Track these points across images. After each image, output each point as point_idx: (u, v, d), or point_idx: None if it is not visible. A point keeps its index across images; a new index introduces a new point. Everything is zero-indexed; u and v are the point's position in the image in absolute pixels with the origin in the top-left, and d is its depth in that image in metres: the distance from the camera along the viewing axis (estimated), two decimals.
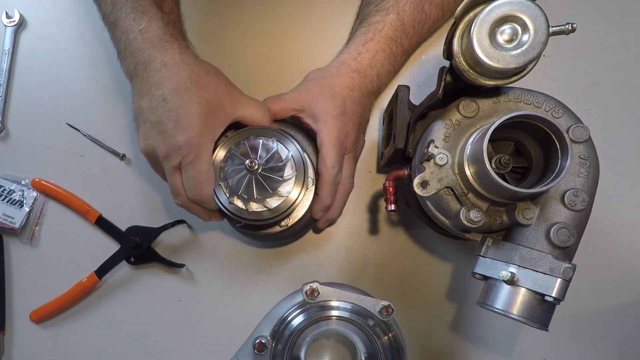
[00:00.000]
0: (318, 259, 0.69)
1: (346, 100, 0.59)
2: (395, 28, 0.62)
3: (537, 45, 0.43)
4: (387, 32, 0.61)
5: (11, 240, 0.69)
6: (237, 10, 0.74)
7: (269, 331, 0.60)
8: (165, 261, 0.67)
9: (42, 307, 0.67)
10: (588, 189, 0.48)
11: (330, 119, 0.57)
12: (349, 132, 0.59)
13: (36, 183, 0.69)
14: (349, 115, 0.59)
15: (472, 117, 0.51)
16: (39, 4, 0.74)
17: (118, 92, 0.72)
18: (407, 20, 0.62)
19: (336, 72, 0.60)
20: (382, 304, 0.58)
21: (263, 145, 0.54)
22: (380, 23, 0.62)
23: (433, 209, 0.52)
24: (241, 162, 0.52)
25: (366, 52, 0.61)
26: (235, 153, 0.53)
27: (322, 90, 0.59)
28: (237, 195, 0.53)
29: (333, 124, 0.57)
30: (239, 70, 0.71)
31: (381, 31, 0.61)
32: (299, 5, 0.73)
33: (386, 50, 0.61)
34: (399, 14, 0.62)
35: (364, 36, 0.62)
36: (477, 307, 0.51)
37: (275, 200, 0.54)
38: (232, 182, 0.52)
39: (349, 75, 0.60)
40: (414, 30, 0.63)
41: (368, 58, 0.61)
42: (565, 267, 0.45)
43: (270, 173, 0.53)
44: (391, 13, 0.62)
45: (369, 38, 0.61)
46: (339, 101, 0.58)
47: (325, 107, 0.58)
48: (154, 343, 0.67)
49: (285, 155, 0.54)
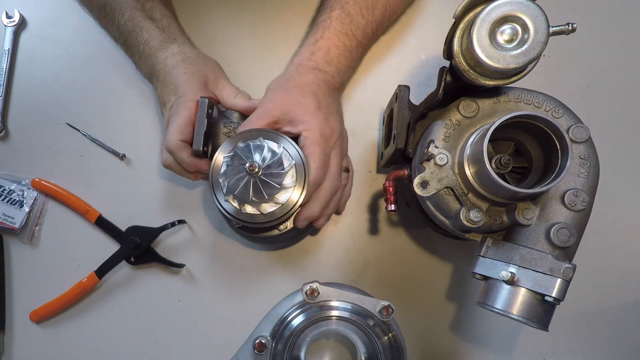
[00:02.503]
0: (318, 259, 0.69)
1: (317, 93, 0.57)
2: (342, 21, 0.61)
3: (537, 45, 0.43)
4: (334, 27, 0.61)
5: (11, 240, 0.69)
6: (237, 10, 0.74)
7: (269, 331, 0.60)
8: (165, 261, 0.67)
9: (42, 307, 0.67)
10: (588, 189, 0.48)
11: (309, 116, 0.55)
12: (332, 126, 0.57)
13: (36, 183, 0.68)
14: (325, 107, 0.57)
15: (472, 117, 0.51)
16: (39, 4, 0.74)
17: (118, 92, 0.72)
18: (353, 10, 0.62)
19: (296, 73, 0.59)
20: (382, 304, 0.58)
21: (268, 148, 0.53)
22: (327, 20, 0.61)
23: (433, 209, 0.52)
24: (242, 163, 0.52)
25: (318, 51, 0.60)
26: (239, 152, 0.53)
27: (289, 93, 0.57)
28: (247, 202, 0.53)
29: (313, 121, 0.55)
30: (239, 70, 0.71)
31: (329, 28, 0.61)
32: (299, 6, 0.73)
33: (339, 45, 0.61)
34: (342, 8, 0.61)
35: (313, 36, 0.61)
36: (477, 307, 0.51)
37: (270, 206, 0.53)
38: (230, 181, 0.52)
39: (310, 73, 0.59)
40: (364, 18, 0.62)
41: (322, 55, 0.60)
42: (565, 267, 0.45)
43: (269, 179, 0.52)
44: (335, 9, 0.62)
45: (319, 37, 0.61)
46: (310, 97, 0.56)
47: (298, 107, 0.56)
48: (154, 343, 0.67)
49: (288, 163, 0.54)
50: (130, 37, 0.64)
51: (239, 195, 0.52)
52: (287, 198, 0.53)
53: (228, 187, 0.53)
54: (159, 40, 0.62)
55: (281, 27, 0.73)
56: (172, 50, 0.61)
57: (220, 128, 0.61)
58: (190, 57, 0.62)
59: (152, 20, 0.63)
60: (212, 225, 0.69)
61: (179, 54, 0.61)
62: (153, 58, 0.62)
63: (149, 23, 0.63)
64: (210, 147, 0.60)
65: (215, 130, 0.61)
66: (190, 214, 0.69)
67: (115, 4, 0.63)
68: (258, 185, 0.52)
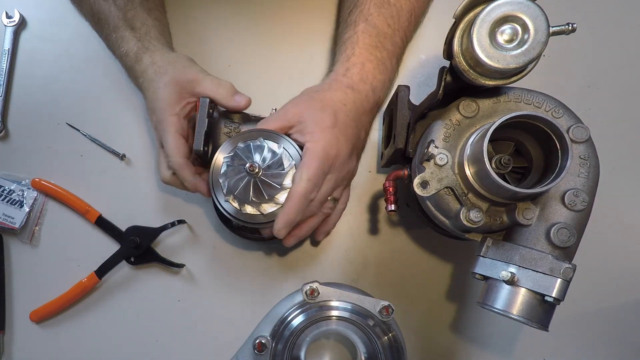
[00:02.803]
0: (318, 259, 0.69)
1: (338, 113, 0.55)
2: (370, 34, 0.59)
3: (537, 46, 0.43)
4: (364, 41, 0.59)
5: (11, 240, 0.69)
6: (237, 11, 0.74)
7: (269, 331, 0.60)
8: (165, 261, 0.67)
9: (42, 307, 0.67)
10: (588, 189, 0.48)
11: (319, 130, 0.54)
12: (340, 149, 0.54)
13: (36, 183, 0.68)
14: (340, 128, 0.55)
15: (472, 117, 0.51)
16: (39, 4, 0.74)
17: (118, 92, 0.72)
18: (378, 22, 0.60)
19: (328, 87, 0.58)
20: (382, 304, 0.58)
21: (268, 149, 0.53)
22: (354, 36, 0.60)
23: (433, 209, 0.52)
24: (242, 163, 0.52)
25: (353, 67, 0.58)
26: (239, 152, 0.53)
27: (312, 103, 0.56)
28: (247, 202, 0.53)
29: (321, 136, 0.54)
30: (239, 70, 0.71)
31: (358, 43, 0.59)
32: (299, 6, 0.73)
33: (372, 60, 0.59)
34: (367, 20, 0.60)
35: (344, 53, 0.60)
36: (477, 307, 0.51)
37: (270, 207, 0.53)
38: (230, 181, 0.52)
39: (341, 90, 0.57)
40: (391, 28, 0.61)
41: (357, 72, 0.58)
42: (565, 267, 0.45)
43: (269, 179, 0.52)
44: (360, 23, 0.60)
45: (350, 54, 0.59)
46: (329, 113, 0.55)
47: (313, 120, 0.54)
48: (154, 343, 0.67)
49: (289, 163, 0.54)
50: (115, 47, 0.64)
51: (239, 195, 0.52)
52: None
53: (228, 187, 0.53)
54: (134, 51, 0.62)
55: (281, 27, 0.73)
56: (146, 63, 0.61)
57: (221, 128, 0.61)
58: (161, 65, 0.61)
59: (132, 30, 0.63)
60: (212, 225, 0.69)
61: (151, 66, 0.61)
62: (134, 71, 0.63)
63: (129, 33, 0.63)
64: (210, 147, 0.60)
65: (216, 130, 0.61)
66: (190, 214, 0.69)
67: (101, 14, 0.64)
68: (258, 186, 0.52)
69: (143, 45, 0.62)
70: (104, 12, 0.63)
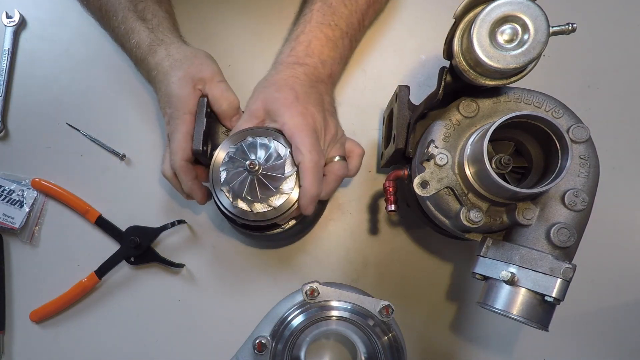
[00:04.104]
0: (318, 259, 0.69)
1: (294, 86, 0.56)
2: (323, 13, 0.61)
3: (537, 46, 0.43)
4: (316, 19, 0.60)
5: (11, 240, 0.69)
6: (237, 10, 0.74)
7: (269, 331, 0.60)
8: (165, 261, 0.67)
9: (42, 307, 0.67)
10: (588, 189, 0.48)
11: (286, 108, 0.54)
12: (314, 115, 0.55)
13: (36, 183, 0.68)
14: (302, 98, 0.55)
15: (472, 117, 0.51)
16: (39, 4, 0.74)
17: (118, 92, 0.72)
18: (334, 1, 0.61)
19: (275, 72, 0.59)
20: (382, 304, 0.58)
21: (260, 145, 0.54)
22: (308, 14, 0.61)
23: (433, 209, 0.52)
24: (241, 165, 0.52)
25: (299, 45, 0.60)
26: (234, 156, 0.53)
27: (267, 90, 0.57)
28: (240, 197, 0.53)
29: (292, 111, 0.54)
30: (239, 70, 0.71)
31: (310, 21, 0.60)
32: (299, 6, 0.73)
33: (320, 37, 0.60)
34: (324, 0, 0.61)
35: (295, 32, 0.61)
36: (477, 307, 0.51)
37: (279, 199, 0.53)
38: (234, 185, 0.52)
39: (289, 68, 0.58)
40: (347, 8, 0.62)
41: (302, 49, 0.59)
42: (565, 267, 0.45)
43: (271, 172, 0.53)
44: (317, 2, 0.61)
45: (300, 31, 0.61)
46: (286, 90, 0.56)
47: (277, 102, 0.55)
48: (154, 343, 0.67)
49: (283, 152, 0.54)
50: (124, 40, 0.63)
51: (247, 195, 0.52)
52: (293, 186, 0.53)
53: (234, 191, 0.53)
54: (147, 43, 0.61)
55: (281, 26, 0.73)
56: (161, 55, 0.60)
57: (220, 127, 0.61)
58: (177, 59, 0.60)
59: (143, 21, 0.62)
60: (212, 225, 0.69)
61: (167, 59, 0.60)
62: (146, 63, 0.62)
63: (140, 24, 0.62)
64: (209, 146, 0.60)
65: (214, 129, 0.61)
66: (190, 214, 0.69)
67: (109, 5, 0.63)
68: (262, 181, 0.52)
69: (157, 37, 0.61)
70: (112, 3, 0.62)
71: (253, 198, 0.53)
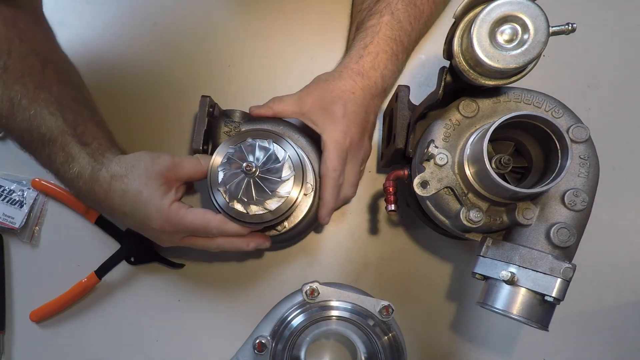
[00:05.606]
0: (318, 259, 0.69)
1: (347, 103, 0.59)
2: (392, 27, 0.62)
3: (537, 45, 0.43)
4: (385, 32, 0.62)
5: (11, 240, 0.69)
6: (237, 10, 0.74)
7: (269, 331, 0.60)
8: (165, 261, 0.67)
9: (42, 307, 0.66)
10: (588, 189, 0.48)
11: (331, 122, 0.58)
12: (352, 136, 0.59)
13: (36, 183, 0.68)
14: (349, 117, 0.59)
15: (472, 117, 0.51)
16: None
17: (117, 93, 0.72)
18: (402, 17, 0.63)
19: (339, 75, 0.60)
20: (382, 304, 0.58)
21: (259, 147, 0.54)
22: (377, 25, 0.62)
23: (433, 209, 0.52)
24: (238, 166, 0.52)
25: (367, 55, 0.61)
26: (232, 157, 0.53)
27: (323, 93, 0.59)
28: (236, 199, 0.53)
29: (334, 127, 0.58)
30: (239, 70, 0.71)
31: (379, 33, 0.62)
32: (299, 6, 0.73)
33: (387, 50, 0.62)
34: (393, 14, 0.62)
35: (363, 40, 0.62)
36: (477, 307, 0.51)
37: (274, 202, 0.53)
38: (230, 186, 0.53)
39: (351, 79, 0.60)
40: (411, 26, 0.64)
41: (370, 60, 0.61)
42: (565, 267, 0.45)
43: (268, 175, 0.53)
44: (385, 14, 0.62)
45: (369, 42, 0.62)
46: (339, 104, 0.58)
47: (325, 111, 0.58)
48: (154, 343, 0.67)
49: (282, 156, 0.54)
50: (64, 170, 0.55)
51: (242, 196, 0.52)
52: (290, 190, 0.54)
53: (230, 192, 0.53)
54: (89, 172, 0.54)
55: (281, 27, 0.73)
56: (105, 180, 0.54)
57: (221, 127, 0.61)
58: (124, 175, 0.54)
59: (84, 145, 0.55)
60: None
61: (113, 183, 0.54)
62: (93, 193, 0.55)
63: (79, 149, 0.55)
64: (210, 146, 0.60)
65: (215, 129, 0.61)
66: None
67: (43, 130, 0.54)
68: (259, 183, 0.52)
69: (99, 161, 0.55)
70: (48, 127, 0.53)
71: (249, 200, 0.53)
